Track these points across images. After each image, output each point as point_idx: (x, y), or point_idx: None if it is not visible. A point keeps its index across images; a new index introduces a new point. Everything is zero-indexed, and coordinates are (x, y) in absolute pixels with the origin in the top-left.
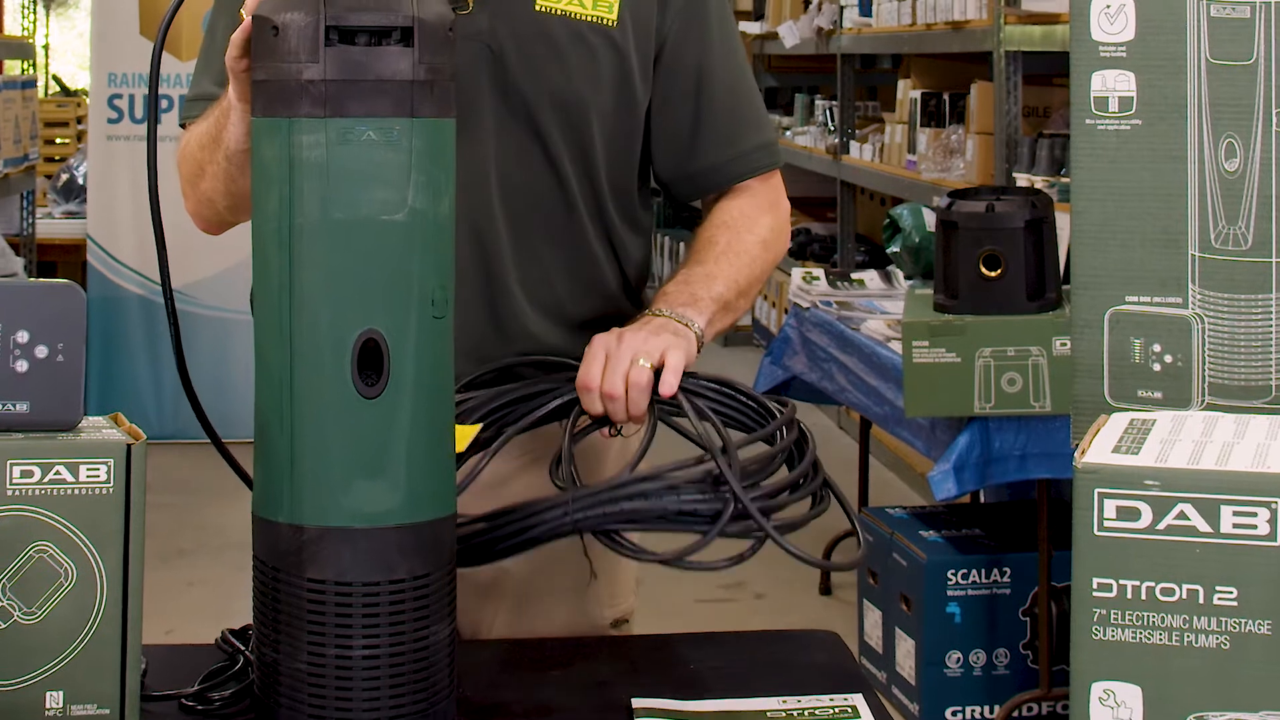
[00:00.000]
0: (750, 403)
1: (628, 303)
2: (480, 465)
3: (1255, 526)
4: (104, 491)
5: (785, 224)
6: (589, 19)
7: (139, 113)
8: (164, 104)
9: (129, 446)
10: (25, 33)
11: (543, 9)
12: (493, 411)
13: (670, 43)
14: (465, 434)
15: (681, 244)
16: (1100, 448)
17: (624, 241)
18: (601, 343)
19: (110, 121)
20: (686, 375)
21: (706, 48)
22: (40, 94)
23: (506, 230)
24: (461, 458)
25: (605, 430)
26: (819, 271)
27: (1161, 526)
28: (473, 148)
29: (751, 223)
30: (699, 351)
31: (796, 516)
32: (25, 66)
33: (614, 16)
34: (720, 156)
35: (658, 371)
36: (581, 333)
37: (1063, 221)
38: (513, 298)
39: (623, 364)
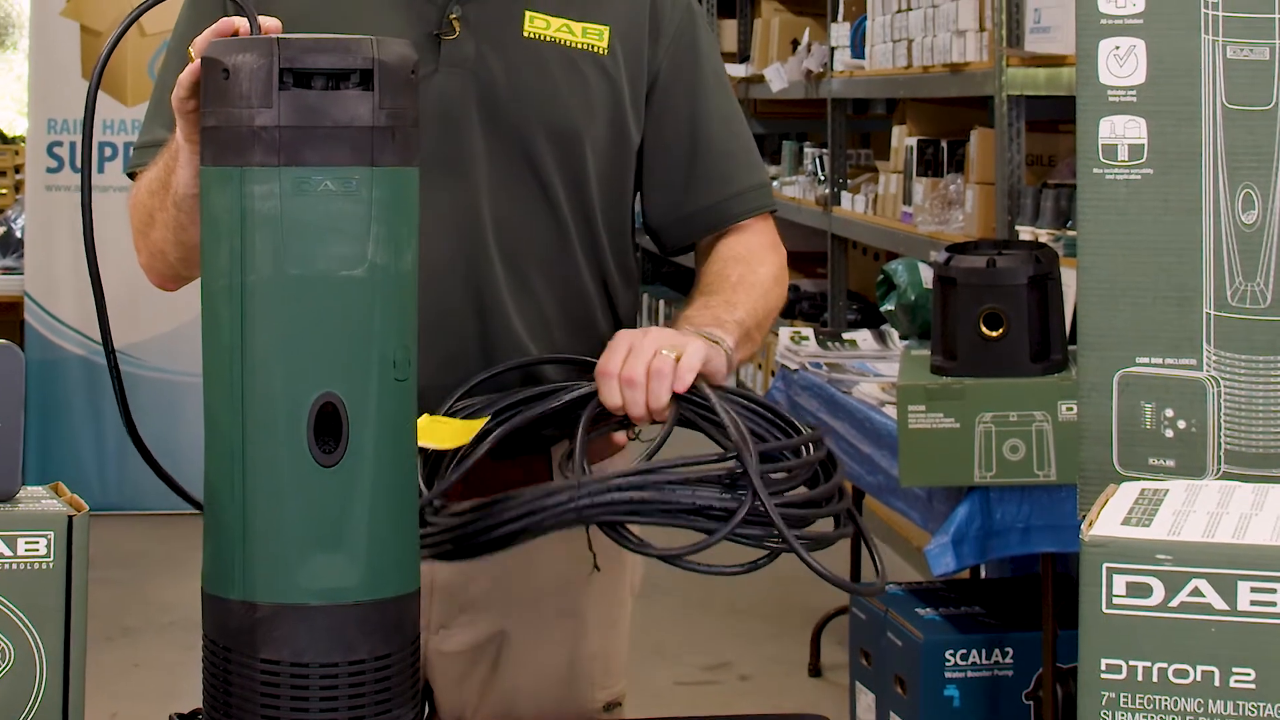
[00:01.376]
0: (778, 419)
1: None
2: (477, 454)
3: (1275, 604)
4: (43, 566)
5: (786, 268)
6: (580, 46)
7: (80, 162)
8: (107, 152)
9: (70, 518)
10: None
11: (532, 35)
12: (503, 410)
13: (662, 78)
14: (471, 428)
15: (662, 301)
16: (1109, 520)
17: (617, 286)
18: (626, 336)
19: (49, 171)
20: (712, 388)
21: (699, 83)
22: None
23: (502, 269)
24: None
25: (623, 434)
26: (808, 331)
27: (1174, 604)
28: (463, 182)
29: (760, 258)
30: (728, 373)
31: (817, 534)
32: None
33: (604, 45)
34: (717, 195)
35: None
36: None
37: (1069, 278)
38: (513, 336)
39: (645, 353)
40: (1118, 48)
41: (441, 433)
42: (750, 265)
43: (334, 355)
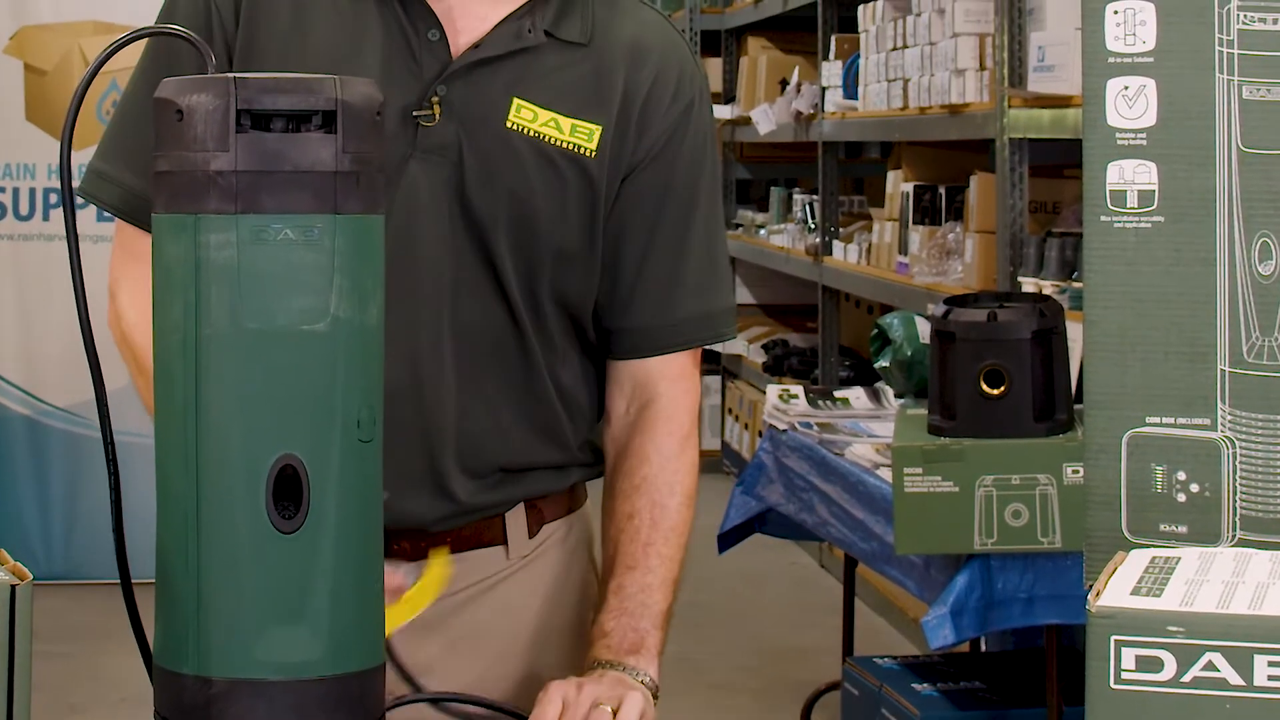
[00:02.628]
0: None
1: (575, 454)
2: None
3: None
4: None
5: (695, 428)
6: (564, 145)
7: (24, 208)
8: (52, 198)
9: (13, 588)
10: None
11: (515, 127)
12: None
13: (635, 173)
14: None
15: None
16: (1117, 589)
17: (574, 401)
18: (559, 689)
19: None
20: None
21: (670, 191)
22: None
23: (454, 371)
24: None
25: None
26: (797, 389)
27: (1187, 679)
28: (424, 275)
29: (672, 471)
30: (655, 704)
31: None
32: None
33: (593, 146)
34: (653, 319)
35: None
36: (515, 485)
37: (1075, 332)
38: (465, 439)
39: (582, 708)
40: (1127, 88)
41: None
42: (659, 499)
43: (294, 415)
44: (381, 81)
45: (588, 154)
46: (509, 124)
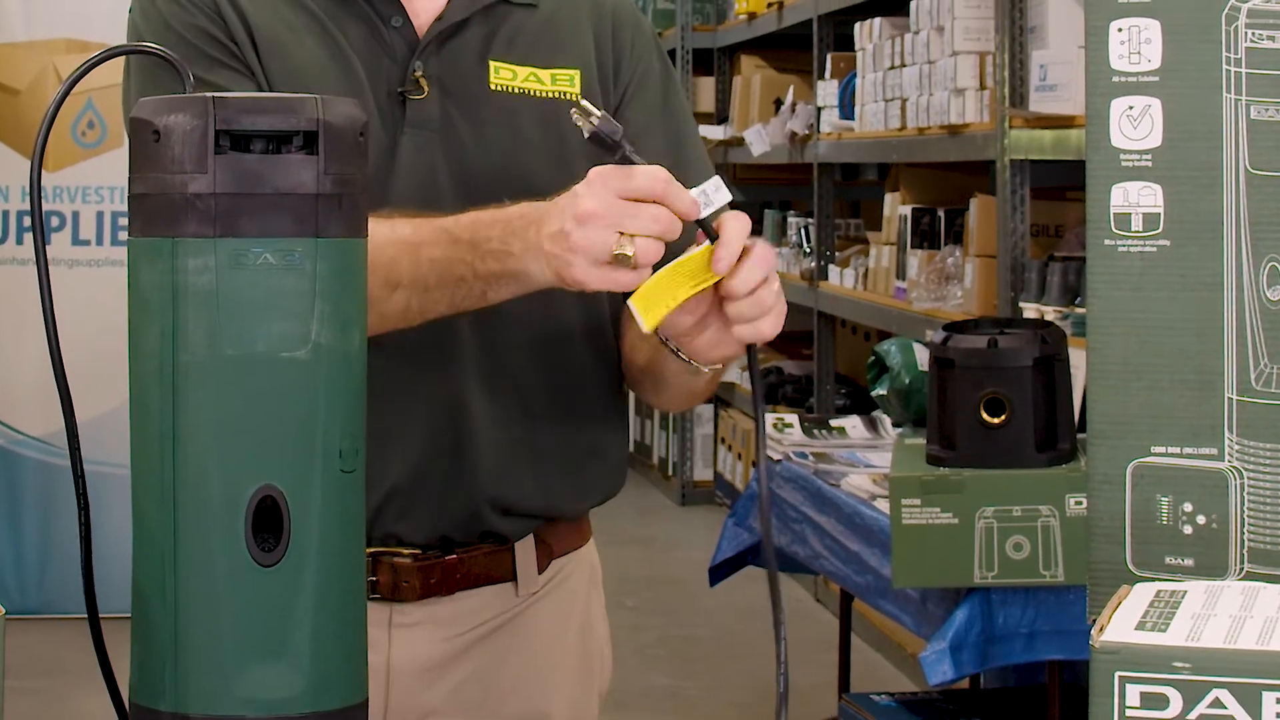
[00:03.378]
0: None
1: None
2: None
3: None
4: None
5: None
6: (552, 95)
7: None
8: (26, 221)
9: None
10: None
11: (499, 88)
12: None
13: (625, 101)
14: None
15: None
16: (1121, 624)
17: (611, 349)
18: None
19: None
20: None
21: (669, 101)
22: None
23: (475, 352)
24: None
25: None
26: (792, 418)
27: (1193, 716)
28: None
29: None
30: None
31: None
32: None
33: (577, 91)
34: None
35: None
36: (558, 475)
37: (1078, 359)
38: (485, 427)
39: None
40: (1131, 108)
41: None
42: None
43: (274, 444)
44: (364, 73)
45: (574, 99)
46: (493, 87)
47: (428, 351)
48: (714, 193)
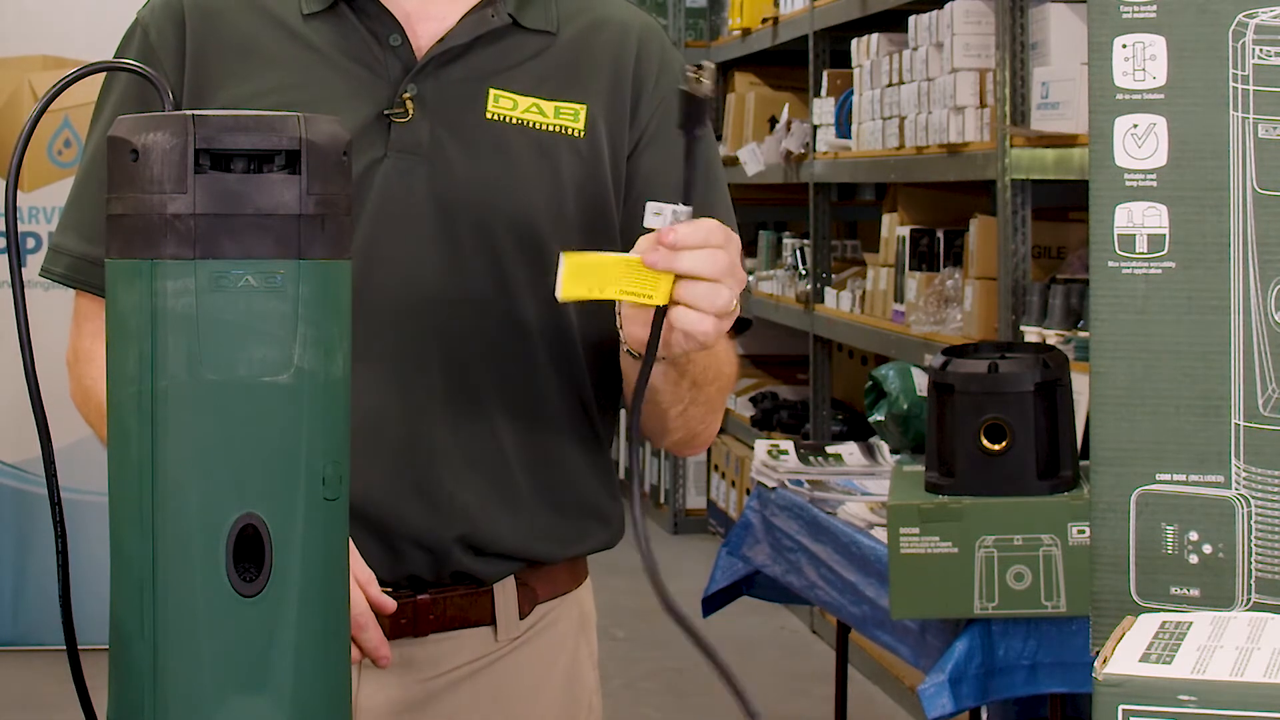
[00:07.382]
0: None
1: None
2: None
3: None
4: None
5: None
6: (551, 129)
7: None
8: (0, 243)
9: None
10: None
11: (496, 117)
12: None
13: (645, 139)
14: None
15: None
16: (1125, 656)
17: (594, 410)
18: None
19: None
20: None
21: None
22: None
23: (444, 393)
24: None
25: None
26: (787, 444)
27: None
28: (411, 287)
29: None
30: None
31: None
32: None
33: (580, 126)
34: None
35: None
36: (535, 516)
37: (1080, 384)
38: (456, 476)
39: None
40: (1136, 126)
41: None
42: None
43: (256, 471)
44: (346, 93)
45: (575, 135)
46: (489, 114)
47: (394, 386)
48: (679, 216)
